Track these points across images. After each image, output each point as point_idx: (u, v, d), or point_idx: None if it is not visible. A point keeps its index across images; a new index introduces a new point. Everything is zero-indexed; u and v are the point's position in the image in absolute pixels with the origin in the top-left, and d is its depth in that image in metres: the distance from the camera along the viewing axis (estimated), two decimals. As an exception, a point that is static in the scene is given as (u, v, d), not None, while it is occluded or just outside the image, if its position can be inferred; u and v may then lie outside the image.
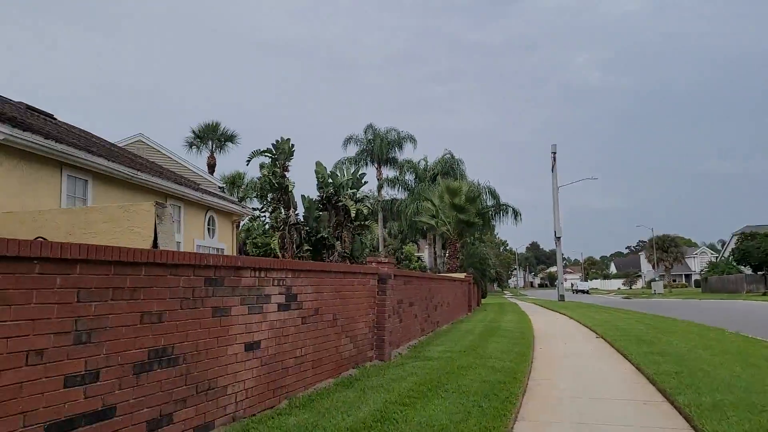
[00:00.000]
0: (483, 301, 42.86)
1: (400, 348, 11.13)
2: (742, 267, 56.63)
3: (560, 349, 12.43)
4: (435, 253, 43.22)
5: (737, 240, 53.63)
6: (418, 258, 47.03)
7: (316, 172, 28.11)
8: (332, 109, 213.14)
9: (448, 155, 44.00)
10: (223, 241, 18.18)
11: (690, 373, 8.21)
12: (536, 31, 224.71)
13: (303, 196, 28.37)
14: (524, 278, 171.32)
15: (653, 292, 69.54)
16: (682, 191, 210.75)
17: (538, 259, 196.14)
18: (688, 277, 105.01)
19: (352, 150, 46.58)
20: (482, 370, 8.53)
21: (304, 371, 6.89)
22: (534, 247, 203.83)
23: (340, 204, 27.77)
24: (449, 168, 42.79)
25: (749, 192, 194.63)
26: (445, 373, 8.16)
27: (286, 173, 26.09)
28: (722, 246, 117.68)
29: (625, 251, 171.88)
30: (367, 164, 46.75)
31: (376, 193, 46.47)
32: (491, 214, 37.67)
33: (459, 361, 9.23)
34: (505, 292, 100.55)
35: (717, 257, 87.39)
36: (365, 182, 30.50)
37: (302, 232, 26.55)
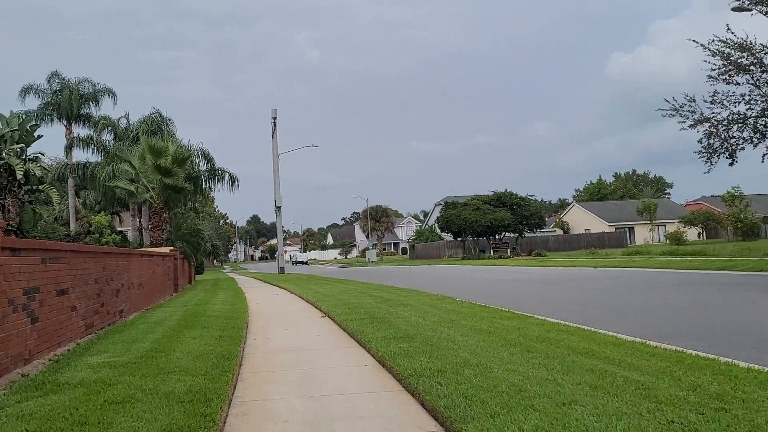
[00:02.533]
0: (198, 277, 38.70)
1: (33, 363, 7.05)
2: (445, 234, 61.40)
3: (280, 339, 9.53)
4: (140, 225, 37.49)
5: (440, 209, 57.73)
6: (120, 232, 40.56)
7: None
8: (30, 70, 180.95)
9: (156, 114, 38.30)
10: None
11: (456, 371, 5.87)
12: (258, 5, 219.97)
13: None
14: (245, 252, 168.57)
15: (368, 260, 72.24)
16: (391, 167, 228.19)
17: (259, 232, 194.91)
18: (396, 245, 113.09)
19: (34, 103, 37.97)
20: (151, 403, 5.07)
21: None
22: (255, 220, 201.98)
23: (1, 162, 21.29)
24: (156, 128, 37.16)
25: (446, 168, 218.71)
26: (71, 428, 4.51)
27: None
28: (425, 216, 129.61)
29: (341, 222, 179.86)
30: (53, 120, 38.63)
31: (63, 156, 38.72)
32: (205, 180, 33.56)
33: (114, 389, 5.61)
34: (225, 266, 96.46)
35: (421, 226, 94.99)
36: (40, 136, 24.06)
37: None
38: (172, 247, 24.28)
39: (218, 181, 33.88)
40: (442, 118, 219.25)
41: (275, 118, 44.61)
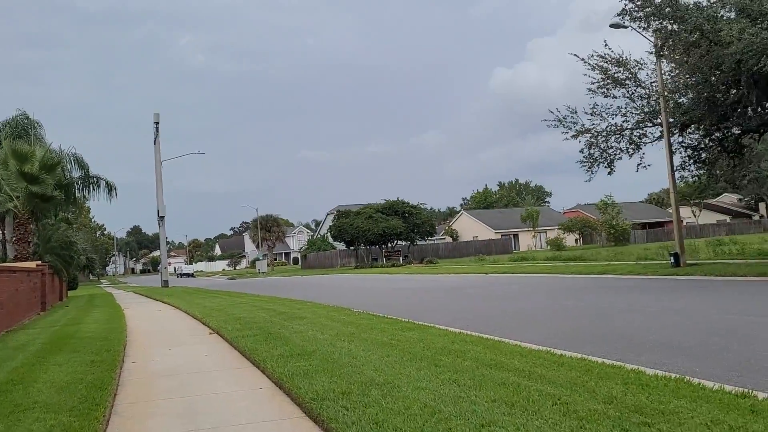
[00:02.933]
0: (71, 294, 35.70)
1: None
2: (337, 243, 60.91)
3: (163, 362, 8.61)
4: (3, 237, 34.04)
5: (333, 218, 57.27)
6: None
7: None
8: None
9: (22, 116, 35.00)
10: None
11: (362, 392, 5.39)
12: (139, 5, 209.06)
13: None
14: (125, 265, 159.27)
15: (258, 271, 70.32)
16: (282, 176, 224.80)
17: (141, 243, 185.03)
18: (287, 255, 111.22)
19: None
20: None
21: None
22: (136, 231, 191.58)
23: None
24: (22, 131, 33.93)
25: (337, 177, 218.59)
26: None
27: None
28: (317, 225, 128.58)
29: (230, 233, 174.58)
30: None
31: None
32: (79, 188, 31.00)
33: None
34: (102, 281, 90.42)
35: (313, 235, 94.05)
36: None
37: None
38: (39, 262, 22.07)
39: (93, 190, 31.37)
40: (333, 126, 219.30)
41: (158, 123, 42.28)
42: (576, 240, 74.95)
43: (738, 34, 12.82)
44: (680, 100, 19.16)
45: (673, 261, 19.87)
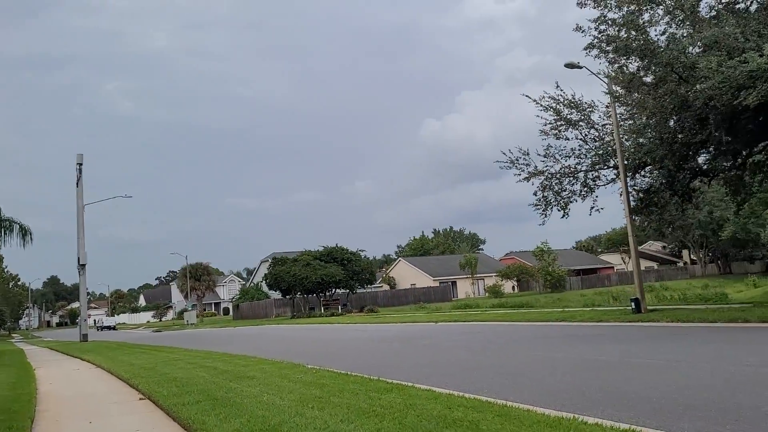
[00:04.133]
0: (-27, 351, 31.92)
1: None
2: (273, 292, 58.41)
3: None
4: None
5: (268, 266, 54.97)
6: None
7: None
8: None
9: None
10: None
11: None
12: (63, 51, 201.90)
13: None
14: (40, 317, 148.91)
15: (186, 322, 66.54)
16: (211, 224, 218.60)
17: (59, 295, 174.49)
18: (217, 305, 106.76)
19: None
20: None
21: None
22: (54, 281, 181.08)
23: None
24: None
25: (268, 225, 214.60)
26: None
27: None
28: (249, 274, 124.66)
29: (155, 282, 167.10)
30: None
31: None
32: (-13, 233, 27.95)
33: None
34: (14, 335, 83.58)
35: (246, 284, 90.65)
36: None
37: None
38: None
39: (5, 234, 28.40)
40: (263, 174, 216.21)
41: (81, 164, 39.51)
42: (513, 287, 75.15)
43: (717, 66, 12.45)
44: (639, 140, 18.90)
45: (634, 307, 19.19)
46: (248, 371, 11.68)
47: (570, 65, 19.30)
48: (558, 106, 21.40)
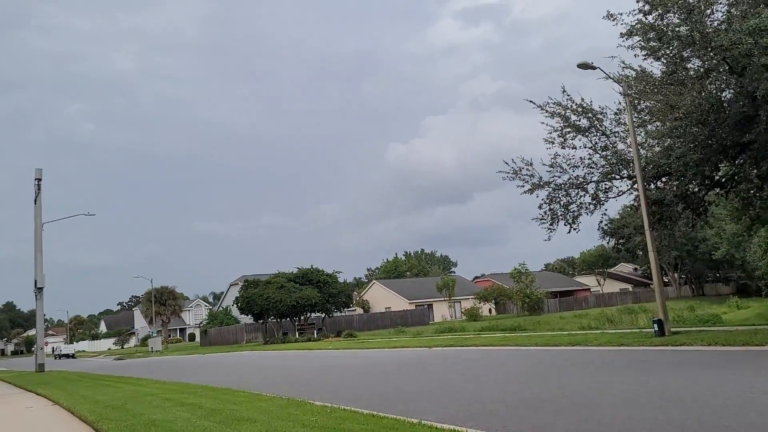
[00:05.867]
0: None
1: None
2: (243, 316, 55.65)
3: None
4: None
5: (240, 288, 52.26)
6: None
7: None
8: None
9: None
10: None
11: None
12: (22, 72, 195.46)
13: None
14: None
15: (150, 349, 63.18)
16: (174, 248, 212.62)
17: (14, 321, 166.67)
18: (182, 331, 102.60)
19: None
20: None
21: None
22: (9, 307, 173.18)
23: None
24: None
25: (233, 249, 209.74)
26: None
27: None
28: (216, 299, 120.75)
29: (117, 308, 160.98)
30: None
31: None
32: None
33: None
34: (-38, 365, 78.47)
35: (213, 308, 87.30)
36: None
37: None
38: None
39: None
40: (227, 198, 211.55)
41: (40, 179, 36.73)
42: (489, 310, 73.54)
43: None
44: (666, 144, 17.42)
45: (657, 329, 17.51)
46: (242, 411, 9.56)
47: (584, 65, 17.87)
48: (566, 113, 19.94)
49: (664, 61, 16.52)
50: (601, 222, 22.22)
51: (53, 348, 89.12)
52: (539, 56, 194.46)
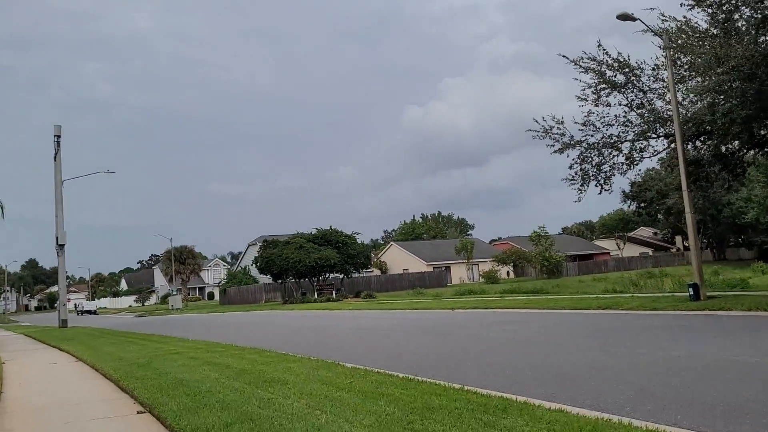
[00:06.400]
0: (-60, 338, 29.10)
1: None
2: (262, 276, 55.81)
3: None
4: None
5: (259, 248, 52.18)
6: None
7: None
8: None
9: None
10: None
11: None
12: (41, 32, 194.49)
13: None
14: (18, 301, 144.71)
15: (171, 307, 63.77)
16: (193, 209, 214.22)
17: (37, 278, 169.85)
18: (201, 290, 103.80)
19: None
20: None
21: None
22: (32, 264, 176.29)
23: None
24: None
25: (250, 210, 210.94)
26: None
27: None
28: (234, 258, 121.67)
29: (137, 266, 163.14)
30: None
31: None
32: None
33: None
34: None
35: (231, 268, 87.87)
36: None
37: None
38: None
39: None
40: (245, 159, 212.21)
41: (59, 136, 36.51)
42: (508, 272, 73.19)
43: None
44: (697, 105, 16.59)
45: (692, 293, 16.96)
46: (272, 372, 9.24)
47: (623, 16, 16.93)
48: (601, 68, 19.04)
49: (711, 12, 15.54)
50: (632, 183, 21.39)
51: (75, 304, 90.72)
52: (561, 17, 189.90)
